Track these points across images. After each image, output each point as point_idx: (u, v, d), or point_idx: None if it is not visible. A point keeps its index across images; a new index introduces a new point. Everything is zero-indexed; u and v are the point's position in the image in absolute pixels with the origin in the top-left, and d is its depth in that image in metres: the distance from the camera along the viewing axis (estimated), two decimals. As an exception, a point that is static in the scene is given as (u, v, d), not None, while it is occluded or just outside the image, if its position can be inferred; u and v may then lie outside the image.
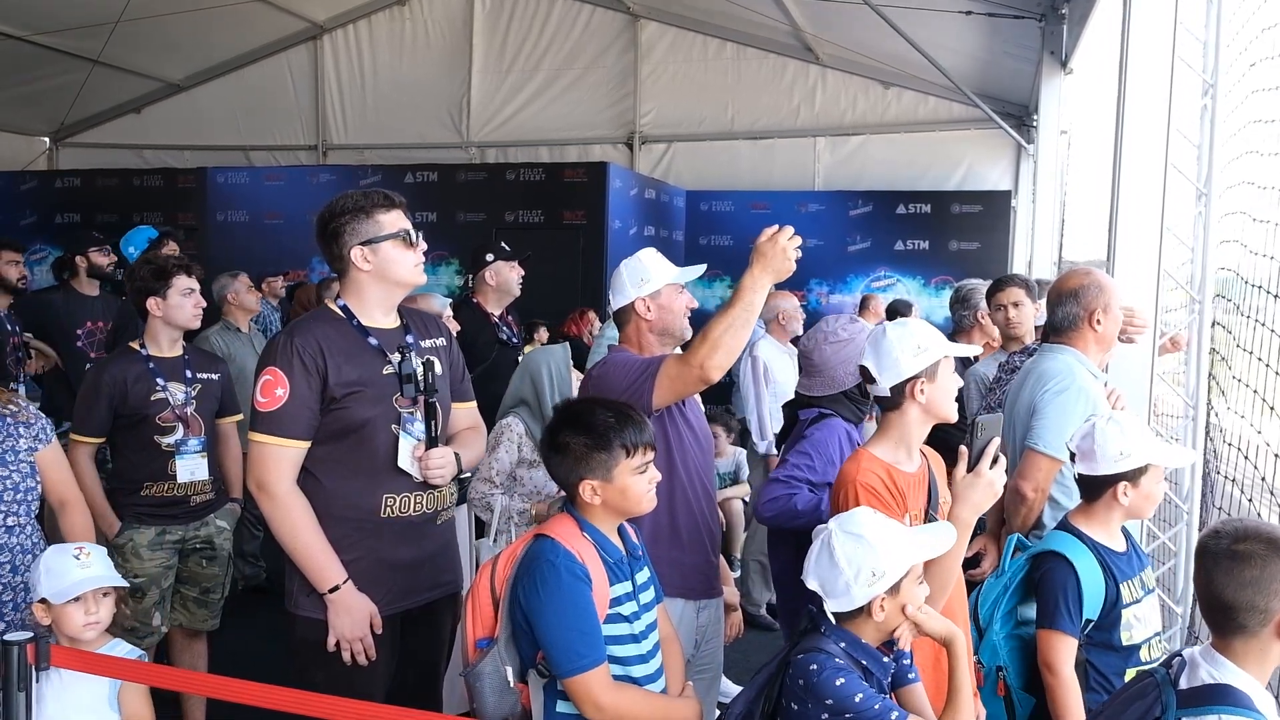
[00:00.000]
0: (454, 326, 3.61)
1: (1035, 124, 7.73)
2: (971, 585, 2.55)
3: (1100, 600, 2.27)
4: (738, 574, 5.02)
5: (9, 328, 4.39)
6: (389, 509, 2.26)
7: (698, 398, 2.66)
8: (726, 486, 5.60)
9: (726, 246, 9.10)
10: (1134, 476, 2.28)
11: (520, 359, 3.52)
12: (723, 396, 6.64)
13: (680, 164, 9.83)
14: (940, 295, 8.74)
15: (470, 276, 4.45)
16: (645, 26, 9.64)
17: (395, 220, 2.28)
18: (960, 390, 2.68)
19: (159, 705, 3.21)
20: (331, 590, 2.18)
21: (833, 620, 1.84)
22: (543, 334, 6.99)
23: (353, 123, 10.33)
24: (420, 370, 2.25)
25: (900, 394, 2.16)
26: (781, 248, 2.33)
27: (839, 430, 2.61)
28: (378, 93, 10.21)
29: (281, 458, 2.19)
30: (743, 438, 5.63)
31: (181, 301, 3.18)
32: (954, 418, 2.21)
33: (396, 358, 2.25)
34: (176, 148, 10.55)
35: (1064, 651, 2.25)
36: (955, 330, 4.46)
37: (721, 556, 2.74)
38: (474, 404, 2.56)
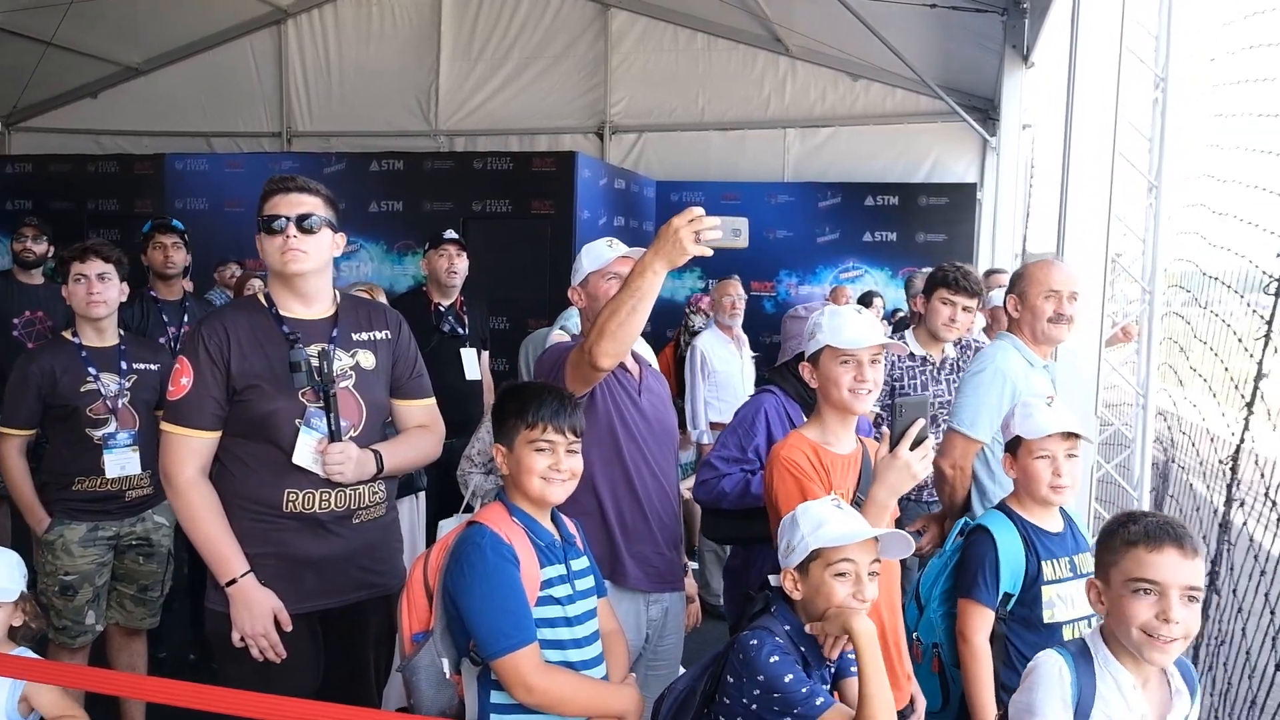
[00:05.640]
0: None
1: (999, 117, 7.75)
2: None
3: (1020, 574, 2.32)
4: (695, 565, 5.01)
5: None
6: (291, 504, 2.22)
7: (665, 389, 2.64)
8: (688, 477, 5.59)
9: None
10: (1013, 448, 2.37)
11: None
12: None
13: (651, 154, 9.78)
14: (909, 287, 8.78)
15: None
16: (616, 16, 9.57)
17: (270, 206, 2.26)
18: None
19: (95, 706, 3.16)
20: (230, 583, 2.16)
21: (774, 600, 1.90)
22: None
23: (318, 109, 10.19)
24: (314, 361, 2.20)
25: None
26: (673, 229, 2.06)
27: (765, 404, 2.69)
28: (344, 79, 10.07)
29: (182, 446, 2.18)
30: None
31: (74, 288, 3.10)
32: (853, 409, 2.23)
33: (310, 350, 2.21)
34: (134, 133, 10.34)
35: (977, 621, 2.30)
36: (911, 316, 4.54)
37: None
38: (429, 401, 2.50)
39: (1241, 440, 2.83)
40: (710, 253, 2.09)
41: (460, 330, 4.46)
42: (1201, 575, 1.67)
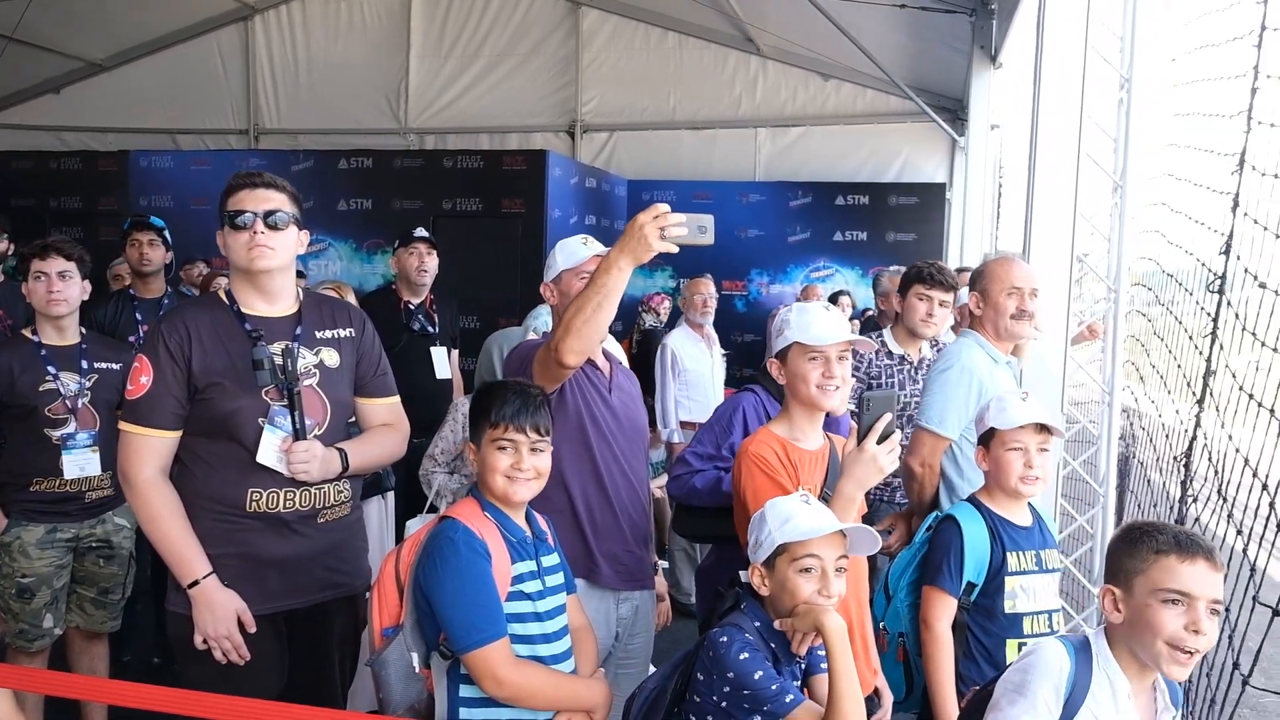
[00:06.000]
0: None
1: (968, 118, 7.83)
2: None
3: (985, 564, 2.35)
4: (666, 564, 5.02)
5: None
6: (254, 504, 2.19)
7: (636, 387, 2.64)
8: (659, 475, 5.60)
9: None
10: (985, 441, 2.40)
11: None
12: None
13: (622, 153, 9.78)
14: (878, 286, 8.83)
15: None
16: (587, 14, 9.56)
17: (236, 201, 2.22)
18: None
19: (56, 711, 3.10)
20: (192, 584, 2.13)
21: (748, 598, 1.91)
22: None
23: (286, 107, 10.09)
24: (278, 359, 2.17)
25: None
26: (638, 226, 2.07)
27: (744, 403, 2.69)
28: (312, 76, 9.98)
29: (142, 446, 2.15)
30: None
31: (34, 286, 3.06)
32: (820, 405, 2.24)
33: (274, 347, 2.18)
34: (98, 130, 10.19)
35: (940, 608, 2.34)
36: (879, 315, 4.58)
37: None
38: (393, 399, 2.48)
39: (1194, 437, 2.87)
40: (676, 249, 2.10)
41: (430, 329, 4.44)
42: (1223, 589, 1.67)
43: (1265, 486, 2.28)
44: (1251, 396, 2.39)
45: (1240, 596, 2.32)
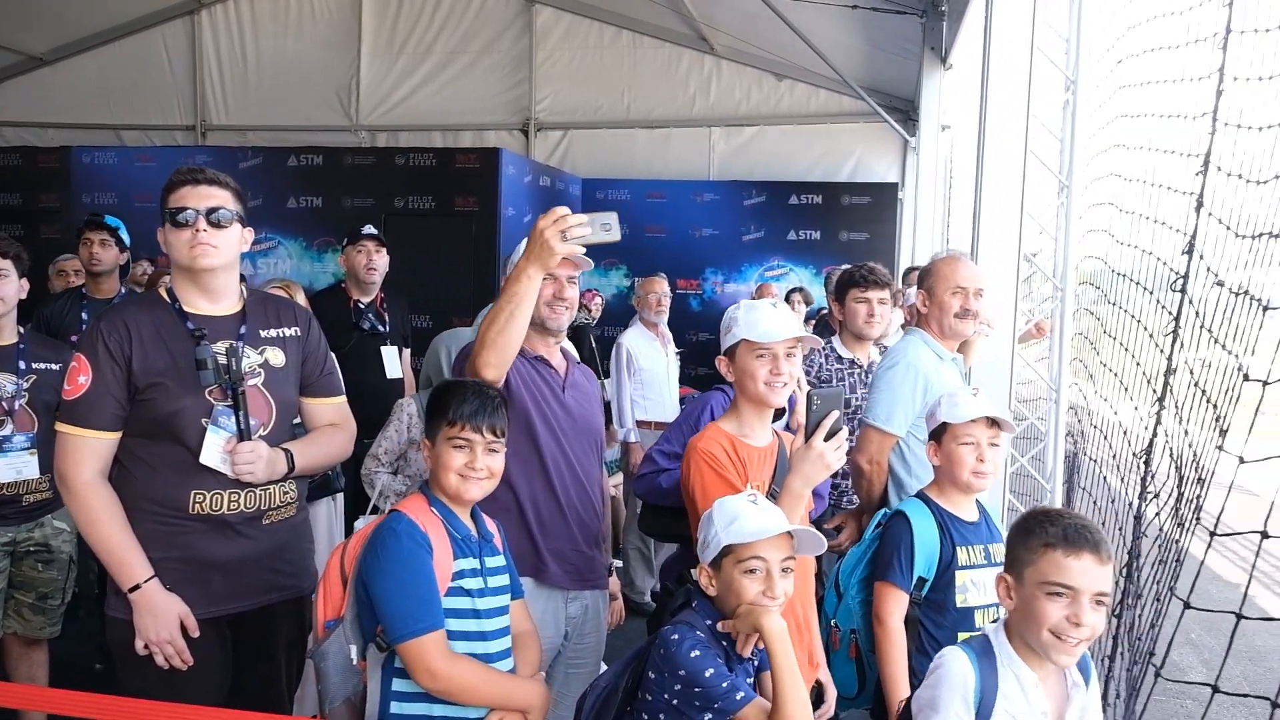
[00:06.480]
0: None
1: (919, 118, 7.93)
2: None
3: (935, 558, 2.38)
4: (619, 562, 5.01)
5: None
6: (198, 506, 2.15)
7: (594, 386, 2.62)
8: (614, 474, 5.59)
9: (622, 235, 9.02)
10: (937, 436, 2.44)
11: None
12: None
13: (577, 151, 9.75)
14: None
15: None
16: (540, 12, 9.52)
17: (178, 198, 2.18)
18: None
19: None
20: (133, 589, 2.08)
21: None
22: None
23: (234, 102, 9.89)
24: (222, 358, 2.13)
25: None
26: (539, 232, 2.08)
27: (712, 402, 2.71)
28: (261, 72, 9.80)
29: (80, 448, 2.10)
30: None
31: None
32: (769, 401, 2.25)
33: (218, 347, 2.14)
34: (39, 125, 9.90)
35: (892, 603, 2.36)
36: (830, 314, 4.62)
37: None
38: (340, 399, 2.45)
39: (1154, 434, 2.91)
40: (582, 250, 2.12)
41: (380, 328, 4.39)
42: (1111, 581, 1.71)
43: (1201, 479, 2.32)
44: (1204, 394, 2.42)
45: (1185, 593, 2.36)
